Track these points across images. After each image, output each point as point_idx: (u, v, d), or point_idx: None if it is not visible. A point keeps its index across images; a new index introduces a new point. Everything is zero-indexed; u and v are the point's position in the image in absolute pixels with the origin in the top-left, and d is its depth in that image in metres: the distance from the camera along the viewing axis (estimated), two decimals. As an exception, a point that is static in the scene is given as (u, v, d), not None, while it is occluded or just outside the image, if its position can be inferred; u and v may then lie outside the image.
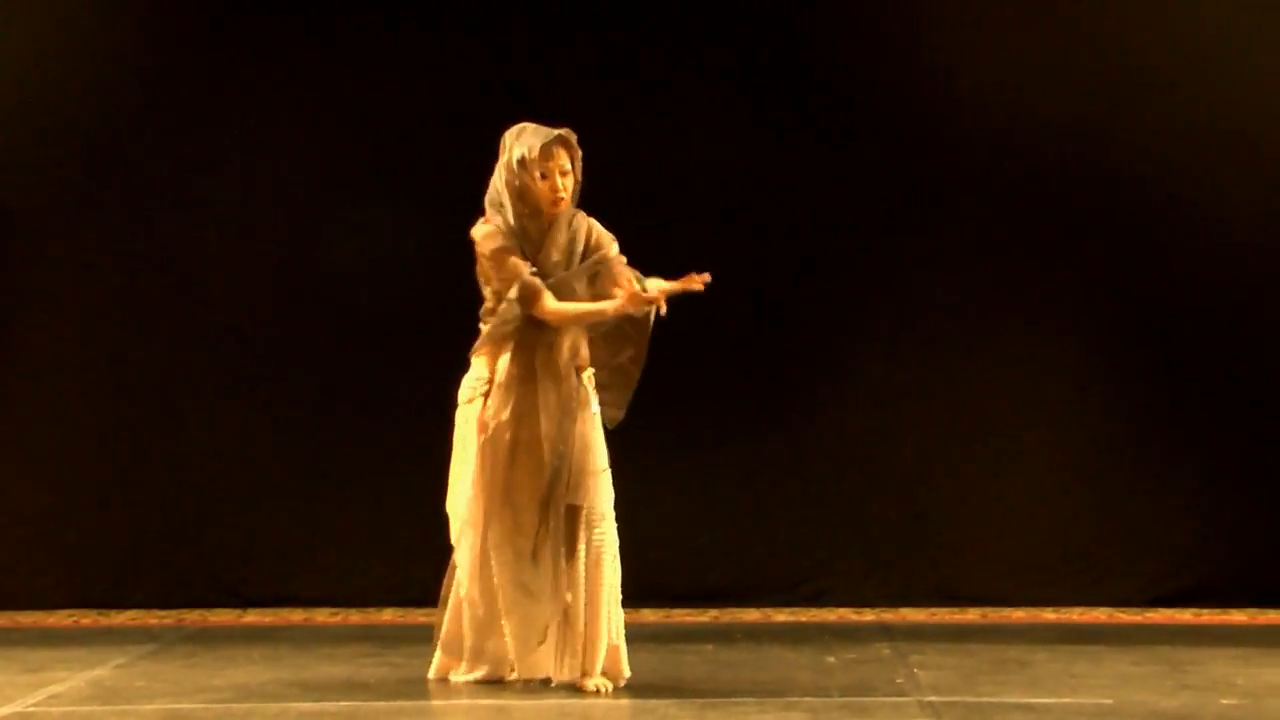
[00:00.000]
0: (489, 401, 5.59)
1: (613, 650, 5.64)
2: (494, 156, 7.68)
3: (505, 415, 5.56)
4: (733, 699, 5.60)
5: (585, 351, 5.66)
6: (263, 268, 7.82)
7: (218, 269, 7.85)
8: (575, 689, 5.59)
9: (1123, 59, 7.65)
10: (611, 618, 5.63)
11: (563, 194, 5.55)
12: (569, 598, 5.53)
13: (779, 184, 7.76)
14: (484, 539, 5.59)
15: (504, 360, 5.61)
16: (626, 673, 5.69)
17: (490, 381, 5.60)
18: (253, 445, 7.73)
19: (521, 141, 5.59)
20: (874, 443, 7.71)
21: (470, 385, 5.68)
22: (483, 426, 5.59)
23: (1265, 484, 7.65)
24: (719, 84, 7.74)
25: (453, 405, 5.77)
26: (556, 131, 5.58)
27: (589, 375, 5.69)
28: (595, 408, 5.67)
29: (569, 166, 5.57)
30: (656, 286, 5.54)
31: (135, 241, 7.83)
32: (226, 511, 7.72)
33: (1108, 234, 7.72)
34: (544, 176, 5.55)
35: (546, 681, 5.66)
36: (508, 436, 5.56)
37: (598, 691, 5.56)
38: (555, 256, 5.58)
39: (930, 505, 7.68)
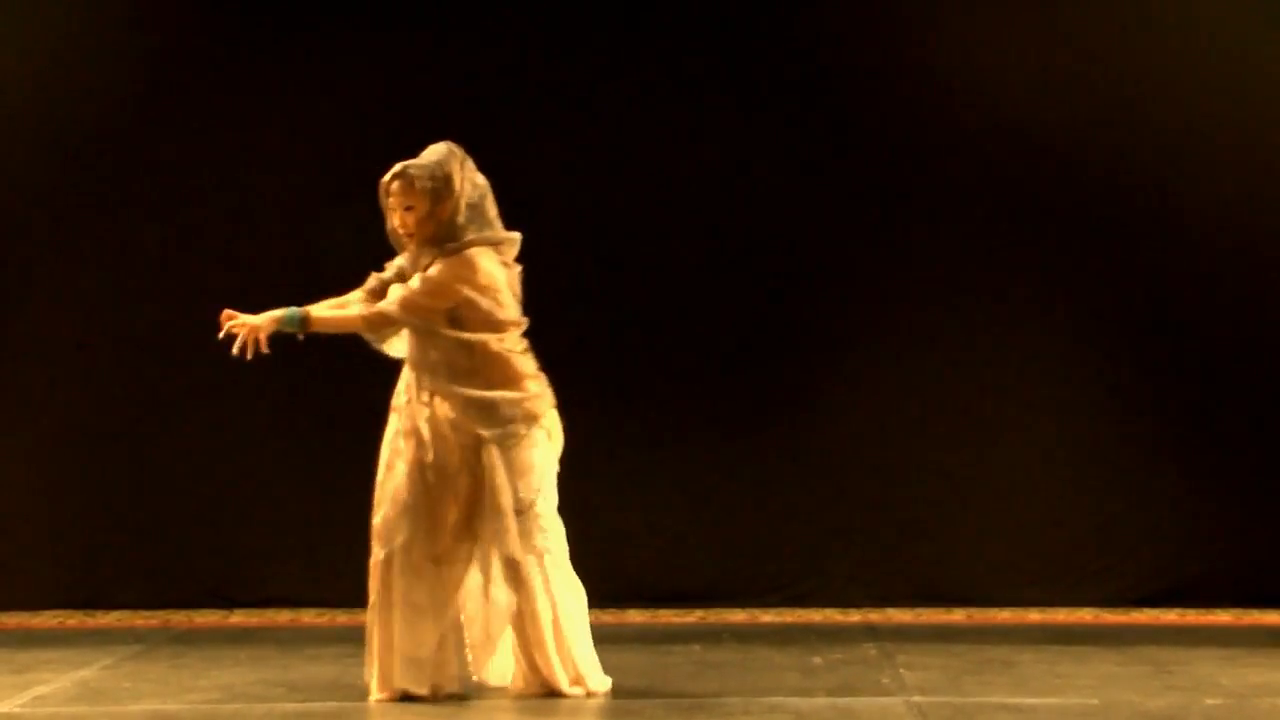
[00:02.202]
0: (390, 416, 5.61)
1: (570, 662, 5.58)
2: (493, 160, 7.73)
3: (390, 433, 5.57)
4: (719, 699, 5.61)
5: (476, 369, 5.53)
6: (251, 269, 7.81)
7: (205, 270, 7.86)
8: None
9: (1122, 59, 7.67)
10: (560, 635, 5.55)
11: (403, 227, 5.58)
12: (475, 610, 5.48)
13: (775, 183, 7.76)
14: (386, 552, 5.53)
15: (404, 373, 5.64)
16: (595, 686, 5.61)
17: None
18: (239, 447, 7.74)
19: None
20: (859, 444, 7.72)
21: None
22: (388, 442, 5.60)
23: (1250, 485, 7.66)
24: (718, 83, 7.75)
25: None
26: (396, 167, 5.59)
27: (519, 399, 5.54)
28: (528, 436, 5.53)
29: (412, 203, 5.55)
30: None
31: (123, 243, 7.83)
32: (213, 513, 7.73)
33: (1099, 235, 7.73)
34: (390, 209, 5.62)
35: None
36: (392, 455, 5.54)
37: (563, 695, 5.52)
38: (400, 282, 5.62)
39: (916, 506, 7.69)
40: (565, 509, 5.70)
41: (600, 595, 7.62)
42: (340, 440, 7.65)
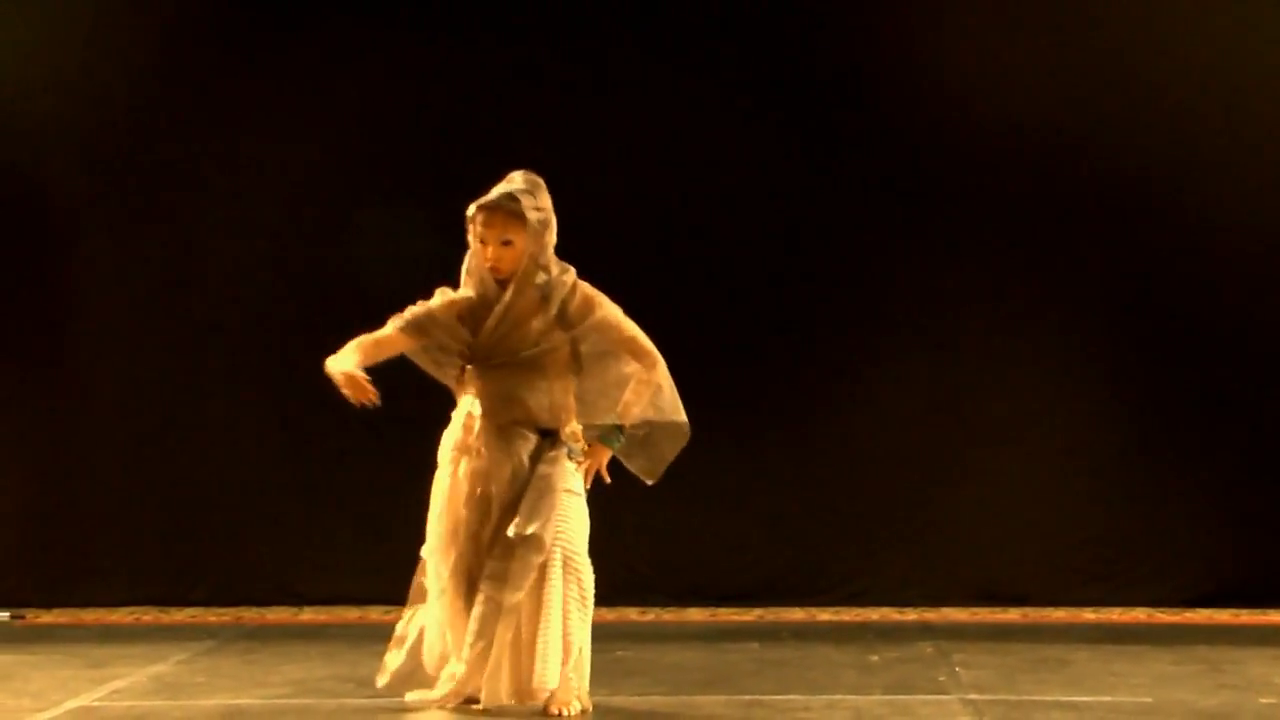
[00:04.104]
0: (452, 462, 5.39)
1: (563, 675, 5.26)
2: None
3: (461, 473, 5.36)
4: (779, 696, 5.66)
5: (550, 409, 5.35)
6: (293, 268, 7.85)
7: (254, 271, 7.87)
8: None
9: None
10: (553, 641, 5.23)
11: (496, 264, 5.23)
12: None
13: (798, 190, 7.78)
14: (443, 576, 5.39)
15: (459, 417, 5.39)
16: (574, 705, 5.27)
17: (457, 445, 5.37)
18: (309, 449, 7.81)
19: (479, 199, 5.30)
20: (916, 446, 7.74)
21: (444, 446, 5.44)
22: (454, 486, 5.37)
23: (1305, 486, 7.67)
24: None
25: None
26: (495, 196, 5.26)
27: (570, 432, 5.39)
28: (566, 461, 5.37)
29: (510, 237, 5.21)
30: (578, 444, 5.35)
31: (195, 242, 7.88)
32: (283, 513, 7.81)
33: (1134, 230, 7.71)
34: (483, 242, 5.26)
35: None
36: (464, 491, 5.35)
37: (560, 714, 5.23)
38: (490, 323, 5.28)
39: (971, 507, 7.70)
40: (629, 513, 5.70)
41: (662, 594, 7.70)
42: (406, 442, 7.68)
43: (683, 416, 5.42)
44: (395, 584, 7.68)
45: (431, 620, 5.43)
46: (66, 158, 7.88)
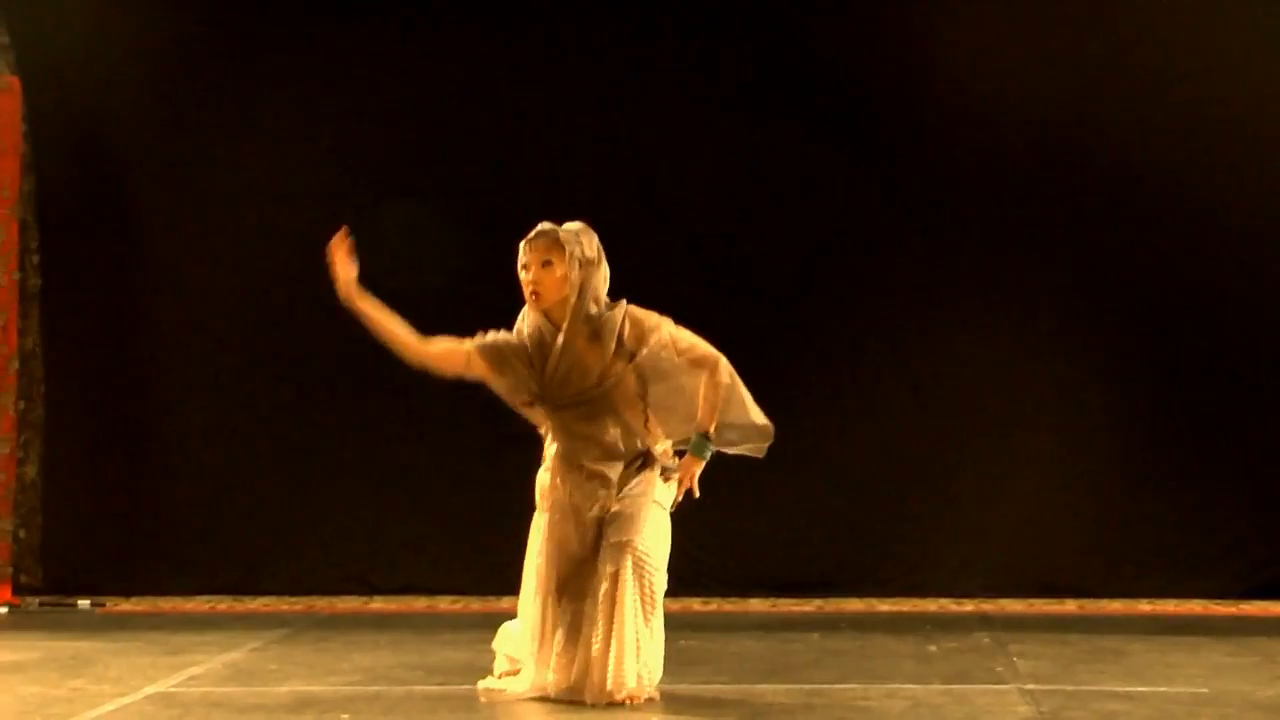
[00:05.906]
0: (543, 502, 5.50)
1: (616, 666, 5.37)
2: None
3: (552, 518, 5.45)
4: (838, 686, 5.72)
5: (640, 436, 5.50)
6: (367, 266, 7.95)
7: (323, 267, 7.99)
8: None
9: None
10: (629, 643, 5.36)
11: (536, 286, 5.37)
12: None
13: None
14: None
15: (546, 460, 5.51)
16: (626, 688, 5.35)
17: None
18: (381, 442, 7.91)
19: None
20: (972, 440, 7.77)
21: (538, 491, 5.56)
22: (548, 529, 5.46)
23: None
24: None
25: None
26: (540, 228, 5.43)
27: (661, 451, 5.55)
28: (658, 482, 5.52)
29: (550, 258, 5.36)
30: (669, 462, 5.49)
31: (253, 243, 7.98)
32: (354, 505, 7.91)
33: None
34: (525, 268, 5.42)
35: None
36: (557, 535, 5.43)
37: (626, 703, 5.35)
38: (551, 365, 5.40)
39: (1028, 499, 7.74)
40: (692, 507, 5.75)
41: (724, 585, 7.76)
42: (476, 437, 7.71)
43: (762, 419, 5.54)
44: (463, 575, 7.84)
45: (525, 633, 5.52)
46: (145, 155, 7.98)
